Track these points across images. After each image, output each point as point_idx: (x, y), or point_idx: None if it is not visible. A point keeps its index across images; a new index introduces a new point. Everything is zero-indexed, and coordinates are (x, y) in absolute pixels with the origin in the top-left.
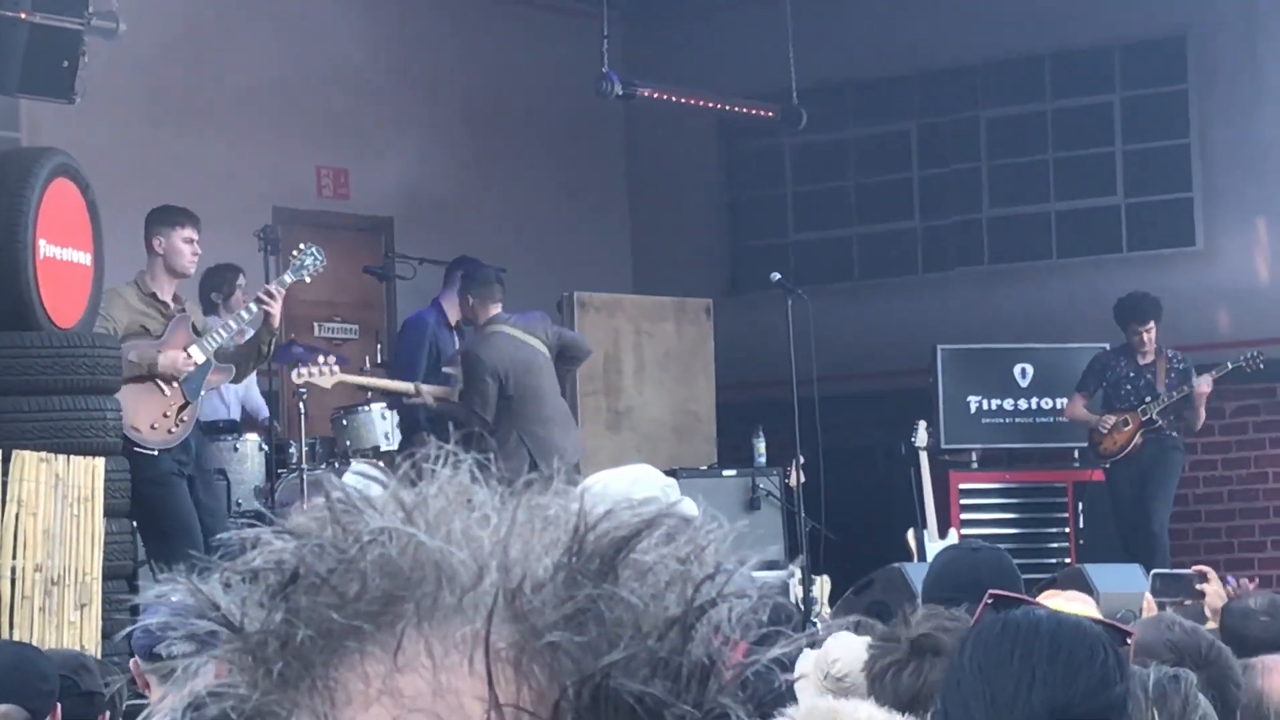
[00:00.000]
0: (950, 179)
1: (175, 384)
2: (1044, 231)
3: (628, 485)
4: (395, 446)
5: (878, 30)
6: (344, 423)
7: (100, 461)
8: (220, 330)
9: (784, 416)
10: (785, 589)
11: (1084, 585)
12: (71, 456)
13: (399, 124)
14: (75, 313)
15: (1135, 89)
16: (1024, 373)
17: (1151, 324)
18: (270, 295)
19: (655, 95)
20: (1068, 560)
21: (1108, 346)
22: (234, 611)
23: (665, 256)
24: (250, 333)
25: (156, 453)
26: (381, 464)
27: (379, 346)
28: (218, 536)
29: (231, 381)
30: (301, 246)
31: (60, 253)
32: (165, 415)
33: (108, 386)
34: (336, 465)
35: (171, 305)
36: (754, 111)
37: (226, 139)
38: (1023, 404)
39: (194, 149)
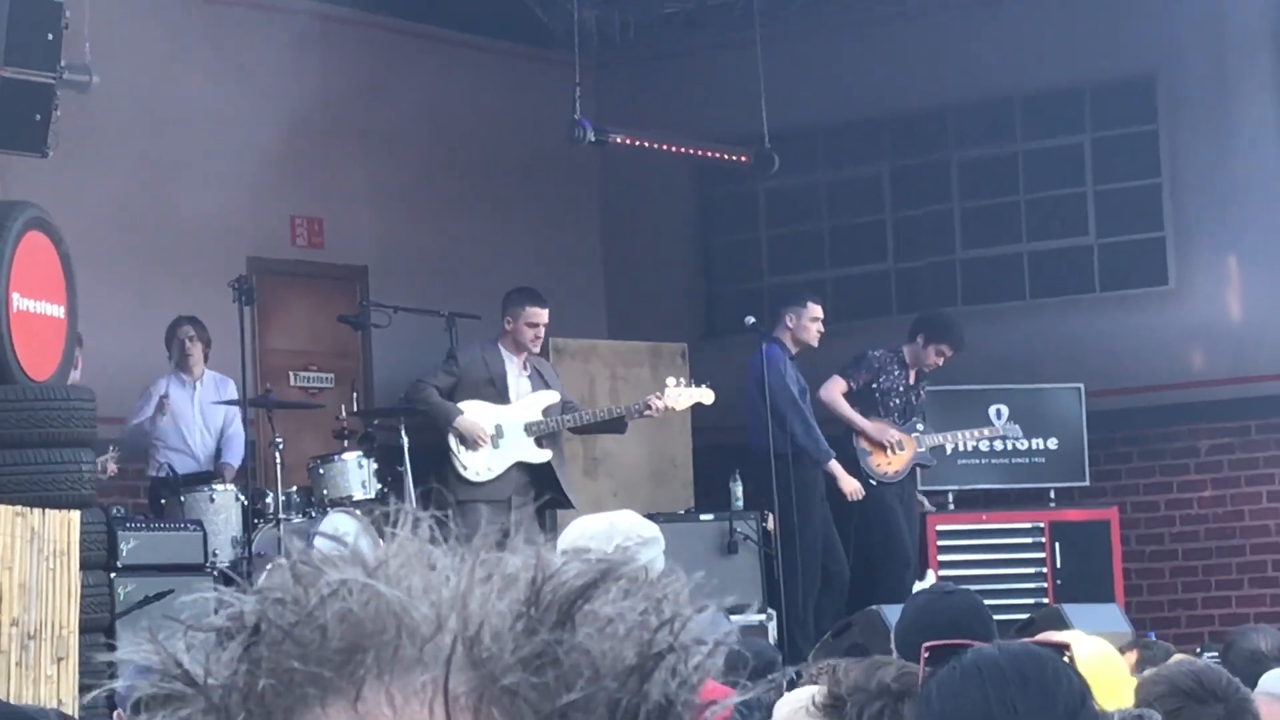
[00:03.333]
0: (923, 221)
1: None
2: (1017, 272)
3: (606, 526)
4: (371, 495)
5: (848, 74)
6: (320, 472)
7: (76, 514)
8: None
9: (760, 460)
10: (763, 632)
11: (1062, 625)
12: (47, 510)
13: (373, 172)
14: (49, 365)
15: (1106, 129)
16: (999, 413)
17: (952, 355)
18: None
19: (628, 141)
20: (1045, 600)
21: (1081, 387)
22: (198, 671)
23: (640, 302)
24: None
25: None
26: (359, 512)
27: (355, 395)
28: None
29: None
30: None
31: (34, 305)
32: None
33: (83, 439)
34: (313, 514)
35: None
36: (727, 156)
37: (200, 189)
38: (998, 445)
39: (167, 200)
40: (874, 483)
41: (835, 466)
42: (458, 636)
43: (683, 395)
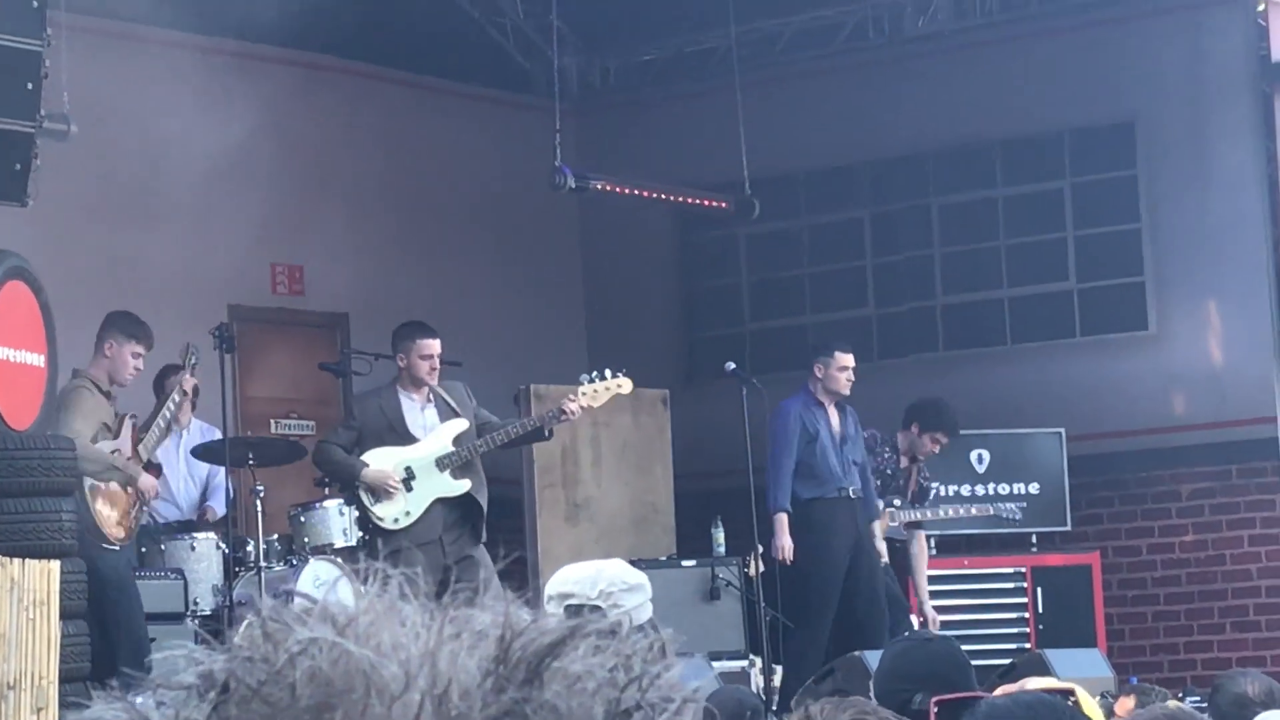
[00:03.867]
0: (903, 266)
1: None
2: (997, 317)
3: (593, 572)
4: (353, 543)
5: (829, 120)
6: (301, 519)
7: (56, 564)
8: (156, 430)
9: (742, 506)
10: (746, 679)
11: (1044, 671)
12: (27, 559)
13: (353, 220)
14: (29, 415)
15: (1085, 175)
16: (980, 458)
17: (948, 442)
18: (188, 389)
19: (609, 188)
20: (1027, 646)
21: (1062, 432)
22: None
23: (621, 348)
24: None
25: (118, 548)
26: (340, 560)
27: None
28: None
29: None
30: (188, 346)
31: (14, 355)
32: (127, 513)
33: (63, 488)
34: (294, 563)
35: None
36: (708, 202)
37: (180, 238)
38: (980, 490)
39: (148, 248)
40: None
41: (780, 521)
42: (425, 695)
43: (600, 392)
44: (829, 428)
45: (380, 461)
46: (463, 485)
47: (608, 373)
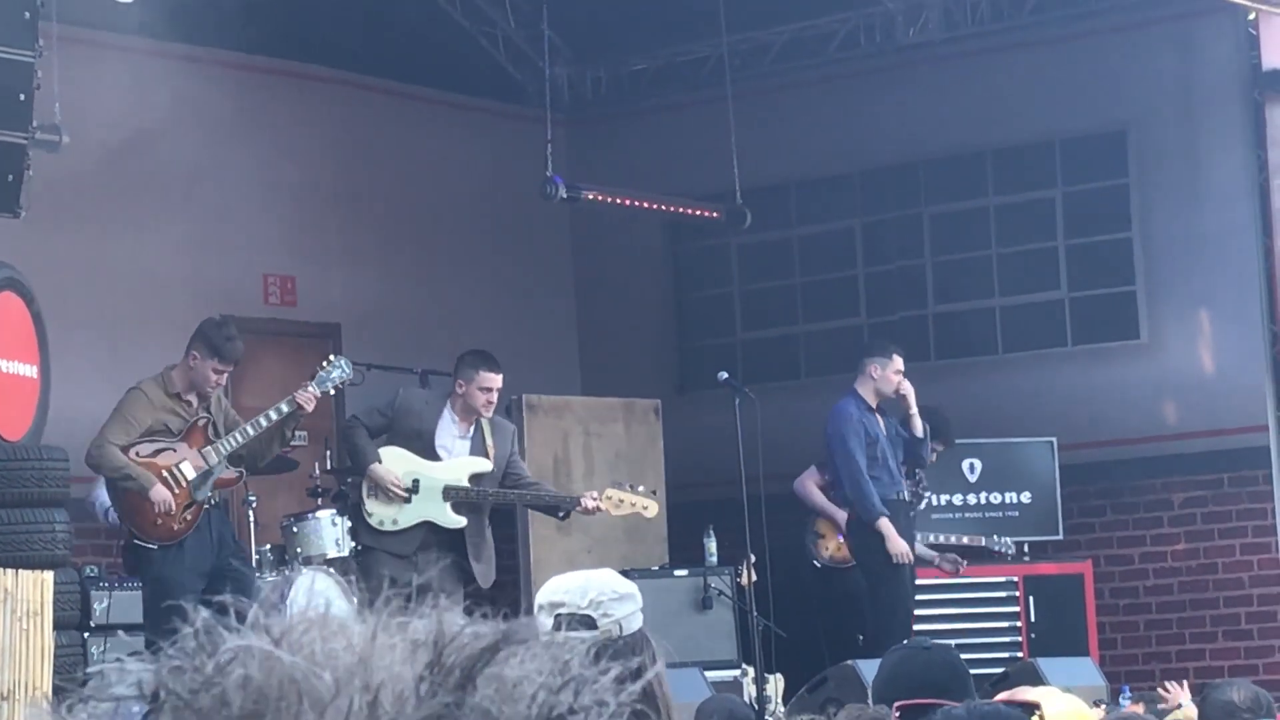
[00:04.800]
0: (895, 276)
1: (183, 484)
2: (989, 326)
3: (582, 581)
4: (345, 553)
5: (820, 129)
6: (294, 530)
7: (49, 575)
8: (238, 434)
9: (734, 515)
10: (739, 688)
11: (1037, 679)
12: (20, 570)
13: (345, 229)
14: (22, 425)
15: (1077, 184)
16: (972, 468)
17: (945, 451)
18: (303, 403)
19: (600, 198)
20: (1019, 654)
21: (1054, 441)
22: None
23: (613, 358)
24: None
25: (156, 548)
26: (333, 570)
27: (328, 453)
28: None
29: (248, 470)
30: (331, 359)
31: (6, 365)
32: (167, 514)
33: (56, 499)
34: (287, 572)
35: (196, 404)
36: (699, 212)
37: (172, 248)
38: (972, 499)
39: (139, 259)
40: (817, 564)
41: (884, 525)
42: (357, 701)
43: (623, 502)
44: (883, 431)
45: (395, 463)
46: (457, 521)
47: (641, 488)
